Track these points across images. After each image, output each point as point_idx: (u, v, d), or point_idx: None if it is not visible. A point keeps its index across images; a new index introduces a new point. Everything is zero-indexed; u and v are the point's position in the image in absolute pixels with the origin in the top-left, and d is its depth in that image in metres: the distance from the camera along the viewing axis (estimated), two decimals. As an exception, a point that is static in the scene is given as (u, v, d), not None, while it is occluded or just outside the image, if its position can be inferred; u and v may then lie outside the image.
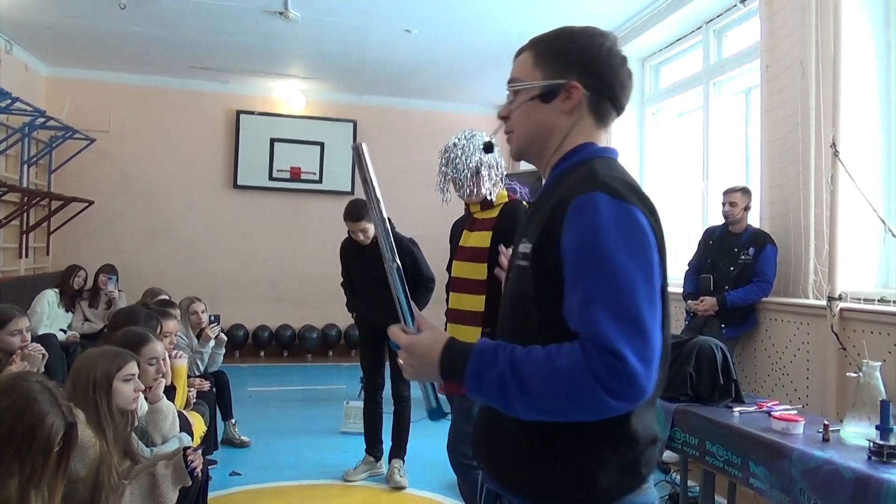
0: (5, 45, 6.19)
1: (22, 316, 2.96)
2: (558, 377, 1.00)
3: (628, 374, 0.97)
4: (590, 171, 1.14)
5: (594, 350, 0.99)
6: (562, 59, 1.21)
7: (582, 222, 1.05)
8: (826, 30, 3.43)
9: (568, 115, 1.21)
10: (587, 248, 1.04)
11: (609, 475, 1.10)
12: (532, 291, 1.14)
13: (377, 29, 5.75)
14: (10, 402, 1.37)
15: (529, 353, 1.04)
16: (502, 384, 1.03)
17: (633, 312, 1.01)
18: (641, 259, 1.04)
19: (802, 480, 2.11)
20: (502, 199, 2.67)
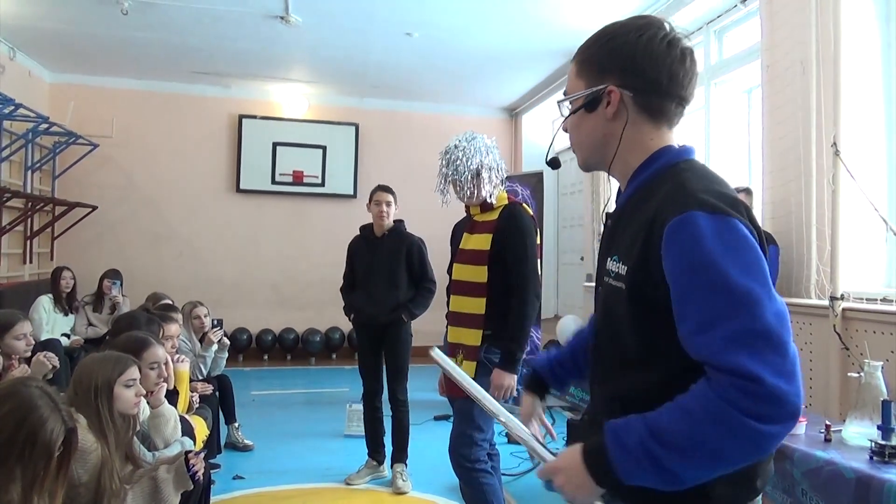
0: (9, 51, 6.23)
1: (25, 320, 2.98)
2: (699, 423, 0.93)
3: (770, 395, 0.90)
4: (679, 184, 1.07)
5: (724, 378, 0.92)
6: (597, 64, 1.17)
7: (683, 245, 0.99)
8: (826, 29, 3.42)
9: (614, 120, 1.16)
10: (693, 270, 0.98)
11: (723, 487, 1.04)
12: (626, 313, 1.10)
13: (378, 33, 5.77)
14: (11, 408, 1.38)
15: (662, 412, 0.98)
16: (649, 454, 0.96)
17: (758, 327, 0.94)
18: (754, 270, 0.98)
19: (804, 481, 2.11)
20: (502, 201, 2.67)
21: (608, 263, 1.17)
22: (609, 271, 1.16)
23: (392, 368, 3.85)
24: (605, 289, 1.18)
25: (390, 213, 3.86)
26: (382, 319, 3.77)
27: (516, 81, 7.22)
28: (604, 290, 1.19)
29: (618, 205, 1.22)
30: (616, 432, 1.00)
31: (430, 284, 3.87)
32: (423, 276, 3.87)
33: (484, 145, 2.63)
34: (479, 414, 2.56)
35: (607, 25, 1.19)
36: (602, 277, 1.20)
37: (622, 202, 1.21)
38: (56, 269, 5.54)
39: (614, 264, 1.14)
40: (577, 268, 6.94)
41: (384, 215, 3.83)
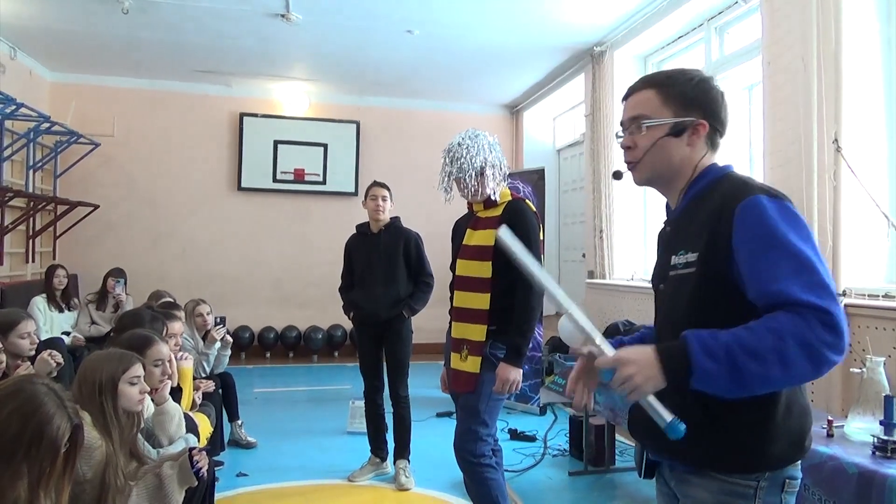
0: (10, 51, 6.23)
1: (29, 319, 2.99)
2: (783, 339, 1.11)
3: (838, 327, 1.11)
4: (738, 181, 1.34)
5: (805, 310, 1.12)
6: (687, 99, 1.38)
7: (752, 220, 1.22)
8: (827, 25, 3.42)
9: (693, 147, 1.39)
10: (764, 239, 1.20)
11: (781, 446, 1.26)
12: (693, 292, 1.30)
13: (379, 30, 5.77)
14: (18, 405, 1.38)
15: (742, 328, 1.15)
16: (730, 357, 1.12)
17: (820, 281, 1.16)
18: (809, 242, 1.21)
19: (807, 476, 2.11)
20: (505, 197, 2.68)
21: (673, 260, 1.38)
22: (676, 265, 1.37)
23: (393, 365, 3.86)
24: (671, 281, 1.39)
25: (386, 207, 3.86)
26: (383, 316, 3.77)
27: (517, 78, 7.22)
28: (670, 283, 1.39)
29: (675, 213, 1.45)
30: (700, 336, 1.16)
31: (428, 279, 3.88)
32: (421, 270, 3.88)
33: (487, 142, 2.64)
34: (485, 409, 2.56)
35: (678, 70, 1.45)
36: (666, 275, 1.41)
37: (680, 210, 1.43)
38: (50, 267, 5.54)
39: (681, 257, 1.35)
40: (578, 265, 6.95)
41: (380, 210, 3.83)
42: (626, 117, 1.43)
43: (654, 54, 5.69)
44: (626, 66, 5.77)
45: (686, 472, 1.35)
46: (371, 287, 3.82)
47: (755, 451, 1.25)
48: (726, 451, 1.27)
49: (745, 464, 1.26)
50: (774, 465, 1.27)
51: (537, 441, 4.58)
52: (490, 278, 2.54)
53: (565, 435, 4.50)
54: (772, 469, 1.27)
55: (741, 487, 1.27)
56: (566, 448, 4.38)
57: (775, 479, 1.28)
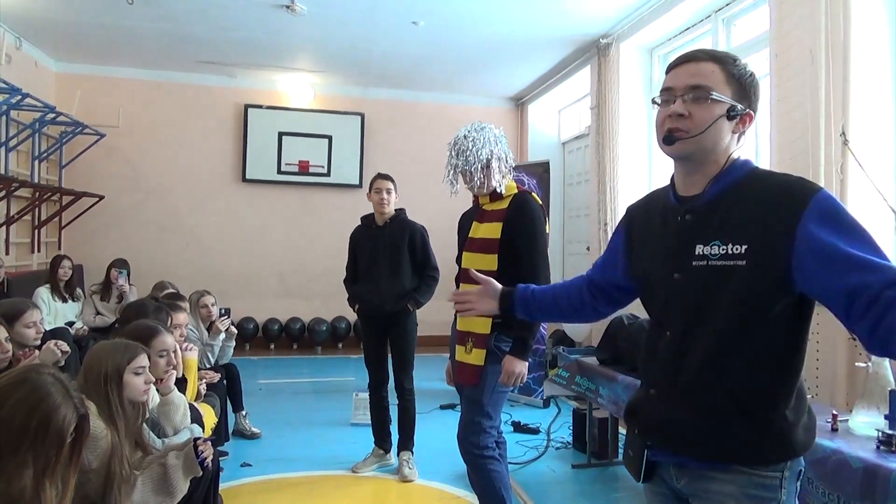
0: (15, 41, 6.23)
1: (35, 308, 2.99)
2: None
3: None
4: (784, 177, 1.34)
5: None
6: (745, 84, 1.38)
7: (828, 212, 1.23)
8: (836, 17, 3.39)
9: (736, 135, 1.39)
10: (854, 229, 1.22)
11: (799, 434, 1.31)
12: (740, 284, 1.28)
13: (384, 22, 5.75)
14: (24, 394, 1.39)
15: None
16: None
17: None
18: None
19: (810, 470, 2.11)
20: (511, 190, 2.67)
21: (701, 250, 1.34)
22: (707, 255, 1.33)
23: (398, 358, 3.86)
24: (699, 271, 1.35)
25: (391, 200, 3.84)
26: (387, 309, 3.77)
27: (522, 71, 7.19)
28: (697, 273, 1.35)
29: (702, 201, 1.38)
30: None
31: (434, 272, 3.86)
32: (427, 263, 3.87)
33: (493, 135, 2.63)
34: (489, 401, 2.56)
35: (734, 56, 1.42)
36: (688, 264, 1.36)
37: (709, 199, 1.37)
38: (56, 258, 5.56)
39: (715, 248, 1.32)
40: (582, 257, 6.94)
41: (385, 202, 3.81)
42: (682, 83, 1.36)
43: (661, 46, 5.66)
44: (633, 58, 5.74)
45: (705, 469, 1.34)
46: (376, 280, 3.81)
47: (784, 442, 1.29)
48: (759, 443, 1.29)
49: (779, 455, 1.30)
50: (798, 453, 1.31)
51: (541, 433, 4.59)
52: (496, 271, 2.54)
53: (568, 427, 4.51)
54: (795, 457, 1.31)
55: (769, 479, 1.29)
56: (569, 441, 4.39)
57: (794, 469, 1.32)
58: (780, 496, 1.29)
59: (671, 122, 1.36)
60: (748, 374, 1.29)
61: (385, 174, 3.91)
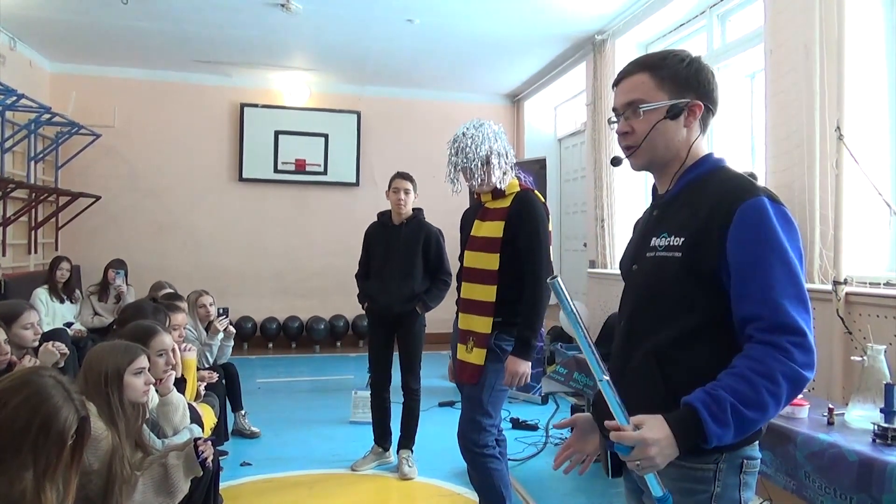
0: (9, 41, 6.22)
1: (32, 309, 2.99)
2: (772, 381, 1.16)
3: (809, 346, 1.19)
4: (738, 177, 1.35)
5: (782, 335, 1.17)
6: (681, 80, 1.38)
7: (756, 221, 1.24)
8: (830, 12, 3.40)
9: (689, 129, 1.40)
10: (764, 242, 1.23)
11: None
12: (675, 274, 1.32)
13: (379, 19, 5.74)
14: (25, 396, 1.39)
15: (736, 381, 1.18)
16: (739, 419, 1.17)
17: (803, 295, 1.22)
18: (799, 251, 1.26)
19: (807, 464, 2.13)
20: (513, 188, 2.67)
21: (654, 241, 1.39)
22: (656, 247, 1.38)
23: (405, 358, 3.84)
24: (648, 262, 1.40)
25: (408, 201, 3.79)
26: (396, 310, 3.74)
27: (518, 67, 7.19)
28: (647, 263, 1.40)
29: (666, 197, 1.44)
30: (708, 407, 1.18)
31: (447, 277, 3.81)
32: (440, 267, 3.83)
33: (492, 131, 2.63)
34: (488, 400, 2.57)
35: (668, 52, 1.43)
36: (643, 255, 1.42)
37: (672, 194, 1.42)
38: (55, 259, 5.56)
39: (663, 239, 1.36)
40: (579, 254, 6.95)
41: (402, 203, 3.77)
42: (619, 102, 1.42)
43: (656, 42, 5.67)
44: (628, 54, 5.74)
45: None
46: (387, 279, 3.79)
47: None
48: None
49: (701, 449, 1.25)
50: (728, 448, 1.27)
51: (539, 430, 4.60)
52: (497, 270, 2.54)
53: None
54: (727, 451, 1.29)
55: (701, 472, 1.30)
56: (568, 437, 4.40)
57: (732, 461, 1.30)
58: (714, 488, 1.29)
59: (622, 141, 1.43)
60: (684, 363, 1.30)
61: (405, 173, 3.85)
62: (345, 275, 7.62)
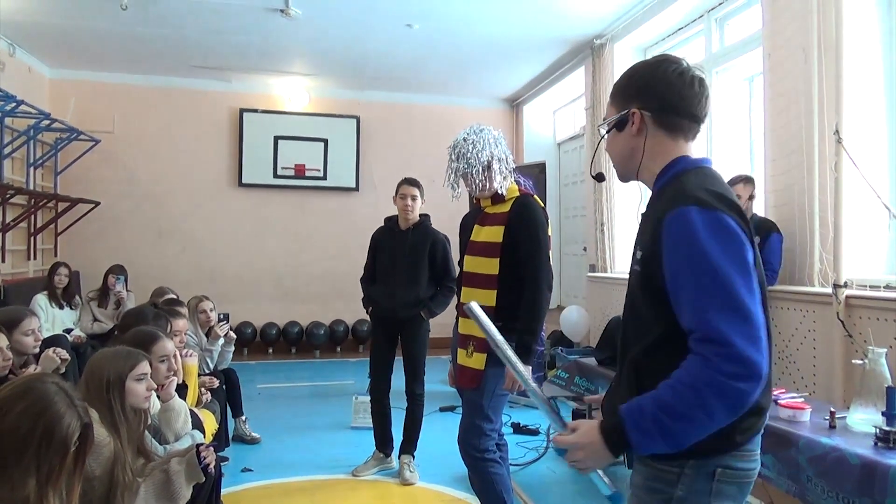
0: (8, 47, 6.23)
1: (33, 316, 2.99)
2: (695, 391, 1.17)
3: (738, 356, 1.14)
4: (680, 186, 1.32)
5: (707, 347, 1.17)
6: (624, 93, 1.44)
7: (677, 234, 1.24)
8: (828, 16, 3.41)
9: (638, 136, 1.41)
10: (686, 254, 1.22)
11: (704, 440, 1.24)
12: (640, 292, 1.35)
13: (378, 24, 5.76)
14: (28, 403, 1.39)
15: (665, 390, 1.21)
16: (660, 426, 1.20)
17: (734, 302, 1.17)
18: (734, 255, 1.21)
19: (809, 467, 2.13)
20: (513, 193, 2.68)
21: (635, 254, 1.42)
22: (634, 259, 1.42)
23: (409, 364, 3.84)
24: (630, 274, 1.44)
25: (416, 206, 3.79)
26: (400, 315, 3.74)
27: (517, 72, 7.21)
28: (630, 275, 1.44)
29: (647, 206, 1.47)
30: (632, 415, 1.23)
31: (452, 283, 3.78)
32: (446, 274, 3.82)
33: (492, 136, 2.64)
34: (489, 405, 2.57)
35: (635, 64, 1.47)
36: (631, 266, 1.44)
37: (648, 204, 1.45)
38: (53, 265, 5.56)
39: (637, 252, 1.40)
40: (579, 258, 6.96)
41: (409, 209, 3.77)
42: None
43: (655, 46, 5.69)
44: (627, 58, 5.76)
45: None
46: (392, 285, 3.79)
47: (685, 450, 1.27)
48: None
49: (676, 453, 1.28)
50: (695, 455, 1.27)
51: (540, 435, 4.59)
52: (497, 275, 2.54)
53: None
54: (694, 458, 1.28)
55: (664, 473, 1.31)
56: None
57: (701, 468, 1.29)
58: (677, 491, 1.30)
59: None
60: (654, 372, 1.29)
61: (412, 179, 3.84)
62: (344, 279, 7.68)
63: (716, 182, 1.34)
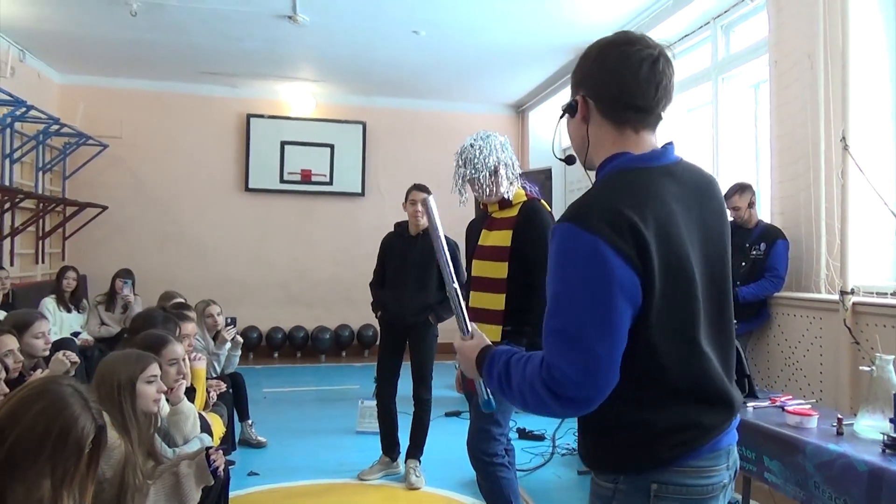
0: (18, 53, 6.28)
1: (43, 319, 3.02)
2: (524, 382, 1.23)
3: (566, 382, 1.16)
4: (586, 194, 1.27)
5: (545, 362, 1.19)
6: (575, 76, 1.36)
7: (553, 247, 1.23)
8: (834, 23, 3.43)
9: (585, 124, 1.33)
10: (552, 272, 1.23)
11: (621, 452, 1.27)
12: None
13: (385, 31, 5.79)
14: (44, 405, 1.41)
15: (519, 359, 1.27)
16: (500, 383, 1.30)
17: (572, 330, 1.17)
18: (592, 284, 1.16)
19: (817, 474, 2.13)
20: (520, 197, 2.70)
21: None
22: None
23: (416, 369, 3.85)
24: None
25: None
26: (408, 320, 3.76)
27: (523, 78, 7.23)
28: None
29: None
30: (492, 359, 1.34)
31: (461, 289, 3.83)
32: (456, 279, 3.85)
33: (499, 142, 2.66)
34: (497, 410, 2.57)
35: (592, 43, 1.35)
36: None
37: None
38: (61, 269, 5.59)
39: None
40: (584, 264, 6.95)
41: (419, 215, 3.79)
42: None
43: (660, 53, 5.69)
44: (632, 65, 5.77)
45: None
46: (401, 290, 3.81)
47: (600, 453, 1.31)
48: (590, 448, 1.33)
49: (603, 465, 1.31)
50: (625, 470, 1.26)
51: (546, 440, 4.59)
52: (506, 279, 2.56)
53: (574, 434, 4.52)
54: (624, 473, 1.26)
55: (601, 489, 1.30)
56: (575, 447, 4.40)
57: (634, 483, 1.25)
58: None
59: None
60: None
61: (422, 185, 3.86)
62: (350, 285, 7.71)
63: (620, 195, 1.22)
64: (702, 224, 1.29)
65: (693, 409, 1.24)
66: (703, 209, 1.31)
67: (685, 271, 1.23)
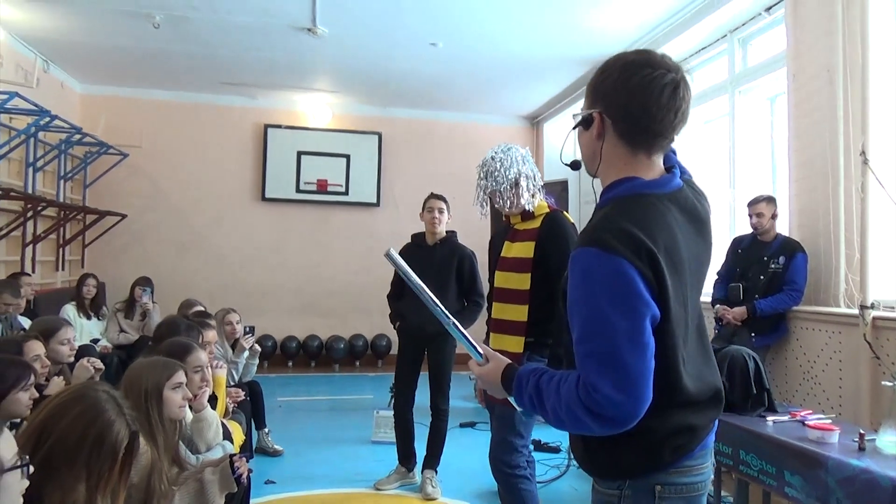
0: (42, 64, 6.39)
1: (69, 325, 3.07)
2: (560, 403, 1.24)
3: (606, 402, 1.17)
4: (603, 217, 1.29)
5: (581, 383, 1.21)
6: (593, 90, 1.35)
7: (576, 273, 1.25)
8: (853, 36, 3.43)
9: (599, 140, 1.34)
10: (579, 296, 1.24)
11: (627, 459, 1.30)
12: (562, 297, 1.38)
13: (403, 43, 5.85)
14: (81, 410, 1.44)
15: (550, 380, 1.28)
16: (532, 405, 1.31)
17: (607, 349, 1.19)
18: (621, 304, 1.19)
19: (839, 489, 2.12)
20: (542, 209, 2.71)
21: None
22: None
23: (434, 379, 3.86)
24: None
25: (443, 220, 3.84)
26: (428, 329, 3.76)
27: (538, 90, 7.27)
28: None
29: None
30: (519, 380, 1.33)
31: (480, 298, 3.82)
32: (473, 289, 3.85)
33: (520, 154, 2.68)
34: (520, 421, 2.58)
35: (608, 60, 1.35)
36: None
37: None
38: (82, 276, 5.68)
39: None
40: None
41: (436, 222, 3.82)
42: None
43: (677, 66, 5.70)
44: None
45: None
46: (419, 299, 3.80)
47: (604, 461, 1.34)
48: (592, 457, 1.36)
49: (607, 472, 1.35)
50: (630, 475, 1.31)
51: (561, 452, 4.58)
52: (528, 290, 2.57)
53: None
54: (630, 478, 1.31)
55: (606, 495, 1.35)
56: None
57: (640, 486, 1.31)
58: None
59: None
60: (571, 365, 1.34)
61: (438, 194, 3.90)
62: (365, 294, 7.75)
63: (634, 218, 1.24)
64: (695, 253, 1.35)
65: (690, 414, 1.31)
66: (697, 238, 1.36)
67: (684, 297, 1.29)
